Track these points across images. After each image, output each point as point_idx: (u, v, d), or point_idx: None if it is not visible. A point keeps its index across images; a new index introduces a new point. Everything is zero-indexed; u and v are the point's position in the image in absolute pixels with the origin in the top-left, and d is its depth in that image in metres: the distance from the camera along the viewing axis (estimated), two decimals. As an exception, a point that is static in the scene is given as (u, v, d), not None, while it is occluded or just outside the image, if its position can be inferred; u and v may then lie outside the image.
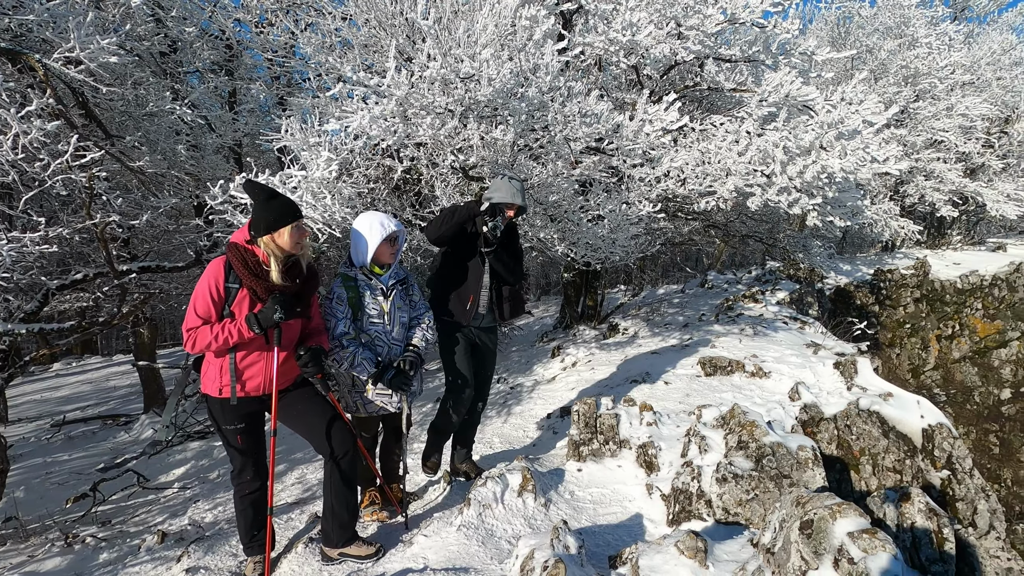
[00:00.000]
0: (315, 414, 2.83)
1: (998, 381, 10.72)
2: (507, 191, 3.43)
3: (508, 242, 3.70)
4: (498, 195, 3.46)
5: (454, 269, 3.62)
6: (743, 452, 2.99)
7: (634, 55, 7.60)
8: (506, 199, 3.43)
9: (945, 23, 14.18)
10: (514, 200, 3.43)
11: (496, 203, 3.46)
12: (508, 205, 3.46)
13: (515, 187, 3.46)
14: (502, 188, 3.46)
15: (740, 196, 6.42)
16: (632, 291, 12.49)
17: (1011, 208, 11.36)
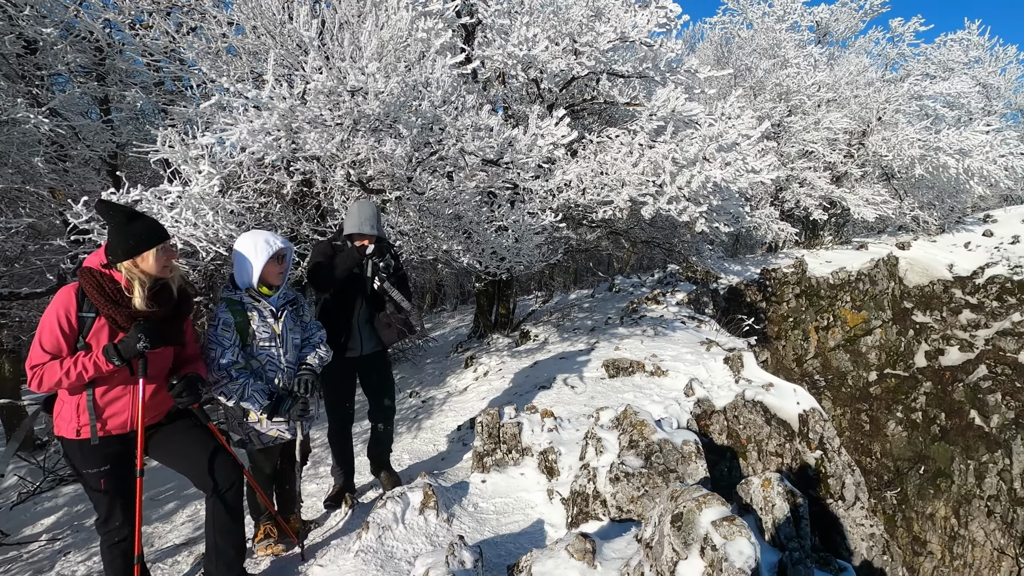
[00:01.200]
0: (193, 447, 2.64)
1: (866, 365, 12.02)
2: (356, 221, 3.43)
3: (393, 270, 3.69)
4: (349, 224, 3.46)
5: (332, 302, 3.64)
6: (634, 451, 3.13)
7: (533, 69, 7.84)
8: (352, 229, 3.44)
9: (811, 46, 15.82)
10: (360, 229, 3.42)
11: (349, 233, 3.46)
12: (360, 236, 3.45)
13: (364, 215, 3.44)
14: (352, 217, 3.46)
15: (635, 205, 6.78)
16: (544, 297, 12.75)
17: (869, 211, 12.85)
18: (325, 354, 3.15)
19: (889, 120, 13.33)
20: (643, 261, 19.97)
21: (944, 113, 14.15)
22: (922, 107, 14.06)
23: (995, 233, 13.49)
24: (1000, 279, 12.01)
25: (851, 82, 14.29)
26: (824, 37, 17.18)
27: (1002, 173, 11.82)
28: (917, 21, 15.80)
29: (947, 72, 15.42)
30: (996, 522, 10.12)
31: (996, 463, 10.27)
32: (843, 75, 14.37)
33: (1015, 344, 11.03)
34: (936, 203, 13.99)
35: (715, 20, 16.56)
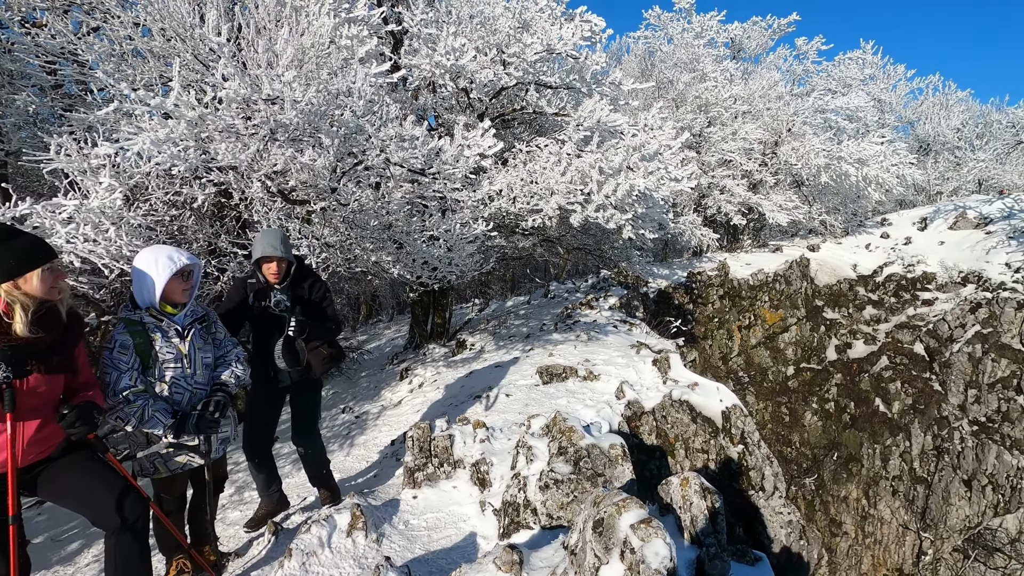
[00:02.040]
0: (89, 481, 2.43)
1: (784, 360, 12.81)
2: (260, 246, 3.35)
3: (308, 298, 3.59)
4: (256, 250, 3.37)
5: (252, 334, 3.57)
6: (563, 457, 3.18)
7: (462, 79, 7.85)
8: (257, 254, 3.36)
9: (727, 61, 16.79)
10: (264, 252, 3.33)
11: (257, 258, 3.37)
12: (266, 259, 3.36)
13: (269, 240, 3.35)
14: (257, 244, 3.38)
15: (564, 213, 6.92)
16: (480, 305, 12.75)
17: (782, 216, 13.76)
18: (242, 372, 3.00)
19: (797, 131, 14.34)
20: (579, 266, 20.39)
21: (845, 125, 15.40)
22: (826, 120, 15.24)
23: (891, 235, 14.78)
24: (896, 277, 13.15)
25: (763, 96, 15.28)
26: (738, 53, 18.28)
27: (894, 180, 12.99)
28: (819, 41, 17.13)
29: (846, 88, 16.80)
30: (900, 500, 11.02)
31: (898, 446, 11.20)
32: (756, 89, 15.33)
33: (911, 336, 12.11)
34: (840, 208, 15.17)
35: (638, 34, 17.26)
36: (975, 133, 23.94)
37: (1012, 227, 12.96)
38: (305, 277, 3.61)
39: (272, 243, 3.33)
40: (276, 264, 3.38)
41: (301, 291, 3.55)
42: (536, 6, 8.03)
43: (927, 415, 11.17)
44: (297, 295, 3.52)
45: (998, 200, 15.16)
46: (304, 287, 3.57)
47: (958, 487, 10.58)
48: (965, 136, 23.52)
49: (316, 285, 3.64)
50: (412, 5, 7.69)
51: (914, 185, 18.63)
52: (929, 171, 21.54)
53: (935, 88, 24.28)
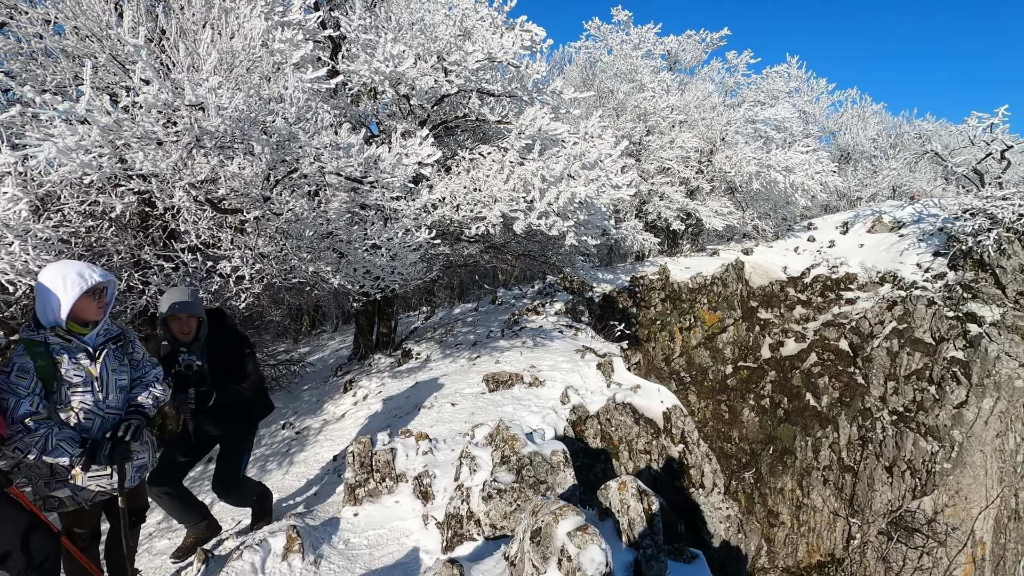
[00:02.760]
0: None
1: (723, 360, 13.34)
2: (166, 303, 3.25)
3: (225, 355, 3.47)
4: (163, 307, 3.26)
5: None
6: (506, 466, 3.17)
7: (403, 85, 7.77)
8: (164, 311, 3.25)
9: (664, 73, 17.39)
10: (171, 311, 3.23)
11: (163, 316, 3.26)
12: (173, 317, 3.25)
13: (175, 297, 3.24)
14: (164, 301, 3.27)
15: (507, 220, 6.96)
16: (427, 313, 12.62)
17: (718, 221, 14.37)
18: (161, 393, 2.83)
19: (730, 141, 15.03)
20: (527, 272, 20.52)
21: (773, 135, 16.27)
22: (756, 130, 16.04)
23: (816, 239, 15.70)
24: (822, 278, 13.97)
25: (699, 106, 15.92)
26: (675, 65, 18.99)
27: (818, 187, 13.83)
28: (748, 55, 18.05)
29: (774, 99, 17.76)
30: (830, 488, 11.67)
31: (827, 437, 11.87)
32: (692, 100, 15.97)
33: (836, 333, 12.88)
34: (771, 213, 15.99)
35: (580, 44, 17.63)
36: (888, 143, 25.86)
37: (921, 230, 14.04)
38: (222, 333, 3.48)
39: (179, 300, 3.21)
40: (184, 321, 3.25)
41: (217, 348, 3.42)
42: (477, 15, 8.07)
43: (852, 407, 11.90)
44: (213, 353, 3.40)
45: (909, 205, 16.40)
46: (220, 344, 3.44)
47: (881, 473, 11.31)
48: (880, 146, 25.35)
49: (234, 341, 3.52)
50: (350, 10, 7.56)
51: (836, 191, 19.87)
52: (849, 178, 23.06)
53: (853, 101, 26.08)
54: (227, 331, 3.52)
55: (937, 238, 13.46)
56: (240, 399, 3.46)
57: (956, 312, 11.54)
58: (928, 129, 22.59)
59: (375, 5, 8.87)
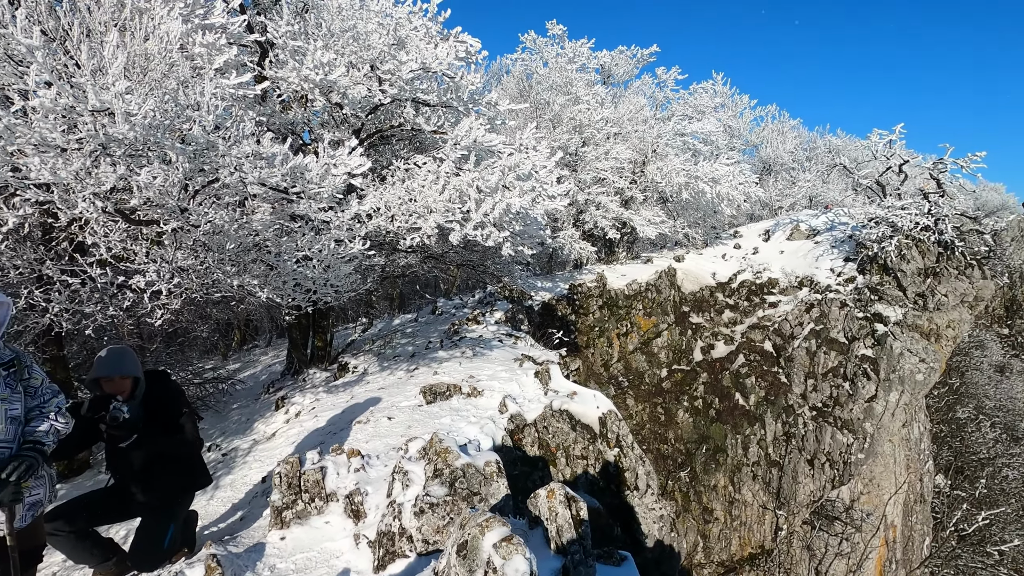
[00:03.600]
0: None
1: (658, 363, 13.80)
2: (97, 367, 3.15)
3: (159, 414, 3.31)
4: (94, 370, 3.15)
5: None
6: (439, 480, 3.15)
7: (335, 94, 7.62)
8: (95, 374, 3.15)
9: (598, 86, 17.93)
10: (98, 374, 3.14)
11: (95, 378, 3.15)
12: (105, 379, 3.15)
13: (108, 359, 3.15)
14: (96, 364, 3.17)
15: (443, 231, 6.94)
16: (365, 325, 12.35)
17: (651, 230, 14.93)
18: (63, 425, 2.62)
19: (661, 152, 15.66)
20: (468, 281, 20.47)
21: (700, 148, 17.10)
22: (684, 142, 16.80)
23: (742, 246, 16.59)
24: (748, 283, 14.76)
25: (631, 119, 16.51)
26: (608, 79, 19.62)
27: (742, 197, 14.64)
28: (676, 71, 18.92)
29: (700, 114, 18.69)
30: (759, 483, 12.28)
31: (755, 434, 12.50)
32: (625, 113, 16.53)
33: (761, 335, 13.62)
34: (700, 222, 16.76)
35: (516, 56, 17.89)
36: (805, 156, 27.75)
37: (834, 237, 15.13)
38: (160, 394, 3.34)
39: (111, 362, 3.12)
40: (116, 383, 3.14)
41: (154, 408, 3.28)
42: (411, 24, 8.05)
43: (777, 405, 12.60)
44: (149, 412, 3.25)
45: (823, 214, 17.64)
46: (158, 403, 3.30)
47: (804, 466, 12.02)
48: (797, 158, 27.17)
49: (173, 403, 3.37)
50: (278, 16, 7.35)
51: (759, 201, 21.10)
52: (770, 189, 24.54)
53: (773, 116, 27.84)
54: (167, 392, 3.39)
55: (847, 245, 14.54)
56: (169, 453, 3.29)
57: (865, 313, 12.49)
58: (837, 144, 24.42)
59: (305, 11, 8.67)
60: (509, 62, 18.62)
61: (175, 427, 3.36)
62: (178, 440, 3.36)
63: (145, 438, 3.23)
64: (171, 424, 3.34)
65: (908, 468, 13.70)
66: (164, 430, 3.30)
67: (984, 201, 33.91)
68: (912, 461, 14.07)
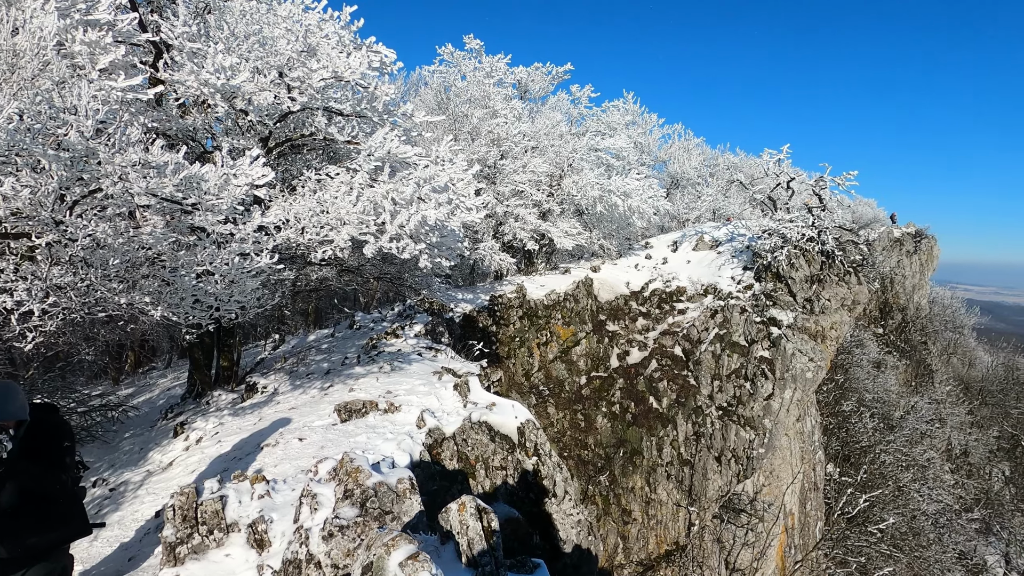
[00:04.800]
0: None
1: (578, 371, 14.17)
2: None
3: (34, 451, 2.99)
4: None
5: None
6: (349, 501, 3.06)
7: (239, 100, 7.27)
8: None
9: (515, 101, 18.28)
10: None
11: None
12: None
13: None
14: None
15: (357, 243, 6.79)
16: (276, 342, 11.75)
17: (568, 241, 15.40)
18: None
19: (576, 167, 16.21)
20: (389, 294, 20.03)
21: (613, 163, 17.87)
22: (598, 157, 17.50)
23: (653, 256, 17.47)
24: (659, 291, 15.56)
25: (548, 133, 16.96)
26: (525, 94, 20.08)
27: (651, 211, 15.45)
28: (589, 89, 19.72)
29: (612, 131, 19.56)
30: (673, 482, 12.89)
31: (668, 435, 13.13)
32: (542, 127, 16.97)
33: (672, 341, 14.38)
34: (615, 234, 17.47)
35: (434, 68, 17.89)
36: (708, 172, 29.78)
37: (734, 248, 16.30)
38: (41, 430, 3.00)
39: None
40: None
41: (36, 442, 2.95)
42: (322, 32, 7.86)
43: (687, 406, 13.32)
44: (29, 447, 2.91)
45: (725, 226, 18.98)
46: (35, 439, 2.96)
47: (712, 463, 12.76)
48: (701, 174, 29.09)
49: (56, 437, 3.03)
50: (173, 15, 6.92)
51: (668, 214, 22.35)
52: (678, 202, 26.09)
53: (679, 135, 29.65)
54: (51, 426, 3.04)
55: (746, 254, 15.72)
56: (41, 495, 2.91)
57: (762, 317, 13.53)
58: (735, 161, 26.42)
59: (207, 11, 8.22)
60: (427, 74, 18.60)
61: (54, 465, 3.01)
62: (53, 479, 3.01)
63: (15, 474, 2.87)
64: (50, 461, 2.99)
65: (803, 459, 14.93)
66: (40, 467, 2.95)
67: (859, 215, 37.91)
68: (806, 452, 15.35)
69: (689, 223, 25.61)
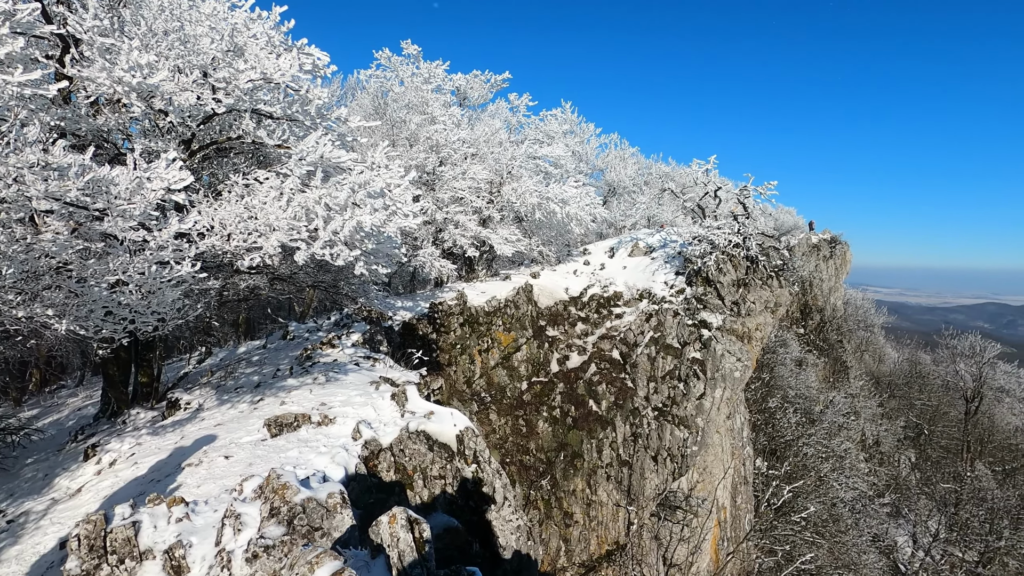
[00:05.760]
0: None
1: (519, 377, 14.25)
2: None
3: None
4: None
5: None
6: (275, 519, 2.93)
7: (158, 99, 6.88)
8: None
9: (454, 107, 18.26)
10: None
11: None
12: None
13: None
14: None
15: (288, 250, 6.55)
16: (202, 356, 11.14)
17: (508, 248, 15.50)
18: None
19: (516, 174, 16.37)
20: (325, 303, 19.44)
21: (552, 171, 18.18)
22: (537, 165, 17.75)
23: (591, 262, 17.87)
24: (597, 296, 15.92)
25: (487, 141, 17.05)
26: (464, 101, 20.11)
27: (589, 218, 15.82)
28: (527, 98, 20.01)
29: (551, 139, 19.93)
30: (612, 483, 13.17)
31: (608, 437, 13.42)
32: (481, 135, 17.03)
33: (609, 344, 14.74)
34: (554, 240, 17.75)
35: (371, 73, 17.61)
36: (643, 181, 30.84)
37: (667, 254, 16.94)
38: None
39: None
40: None
41: None
42: (249, 31, 7.57)
43: (625, 408, 13.67)
44: None
45: (658, 233, 19.69)
46: None
47: (649, 463, 13.15)
48: (637, 183, 30.09)
49: None
50: (83, 7, 6.46)
51: (605, 220, 22.94)
52: (615, 209, 26.85)
53: (616, 144, 30.56)
54: None
55: (678, 260, 16.37)
56: None
57: (693, 320, 14.12)
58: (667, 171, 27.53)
59: (120, 4, 7.73)
60: (364, 78, 18.26)
61: None
62: None
63: None
64: None
65: (733, 455, 15.65)
66: None
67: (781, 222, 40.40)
68: (736, 448, 16.10)
69: (625, 230, 26.39)
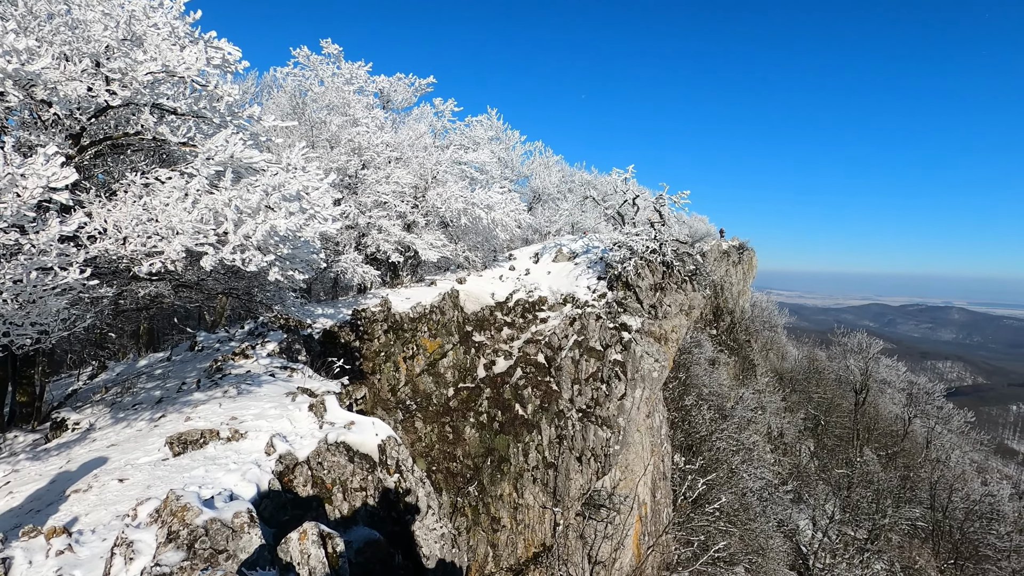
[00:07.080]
0: None
1: (445, 383, 14.13)
2: None
3: None
4: None
5: None
6: (174, 544, 2.73)
7: (40, 88, 6.26)
8: None
9: (377, 110, 17.89)
10: None
11: None
12: None
13: None
14: None
15: (194, 255, 6.14)
16: (94, 371, 10.19)
17: (433, 253, 15.36)
18: None
19: (441, 179, 16.27)
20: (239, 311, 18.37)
21: (477, 176, 18.23)
22: (462, 171, 17.75)
23: (516, 267, 18.08)
24: (522, 301, 16.11)
25: (412, 145, 16.83)
26: (388, 104, 19.75)
27: (514, 223, 15.99)
28: (452, 103, 19.94)
29: (476, 145, 19.99)
30: (539, 485, 13.34)
31: (534, 440, 13.58)
32: (405, 138, 16.78)
33: (535, 348, 14.95)
34: (480, 246, 17.78)
35: (287, 71, 16.91)
36: (567, 188, 31.61)
37: (589, 259, 17.46)
38: None
39: None
40: None
41: None
42: (149, 20, 7.07)
43: (550, 411, 13.91)
44: None
45: (581, 239, 20.25)
46: None
47: (574, 463, 13.44)
48: (561, 190, 30.80)
49: None
50: (-54, -18, 5.76)
51: (531, 226, 23.31)
52: (539, 216, 27.34)
53: (540, 151, 31.14)
54: None
55: (600, 265, 16.90)
56: None
57: (615, 323, 14.62)
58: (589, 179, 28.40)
59: (-6, -18, 6.96)
60: (281, 76, 17.48)
61: None
62: None
63: None
64: None
65: (652, 452, 16.33)
66: None
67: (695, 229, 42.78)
68: (655, 446, 16.81)
69: (550, 236, 26.92)
